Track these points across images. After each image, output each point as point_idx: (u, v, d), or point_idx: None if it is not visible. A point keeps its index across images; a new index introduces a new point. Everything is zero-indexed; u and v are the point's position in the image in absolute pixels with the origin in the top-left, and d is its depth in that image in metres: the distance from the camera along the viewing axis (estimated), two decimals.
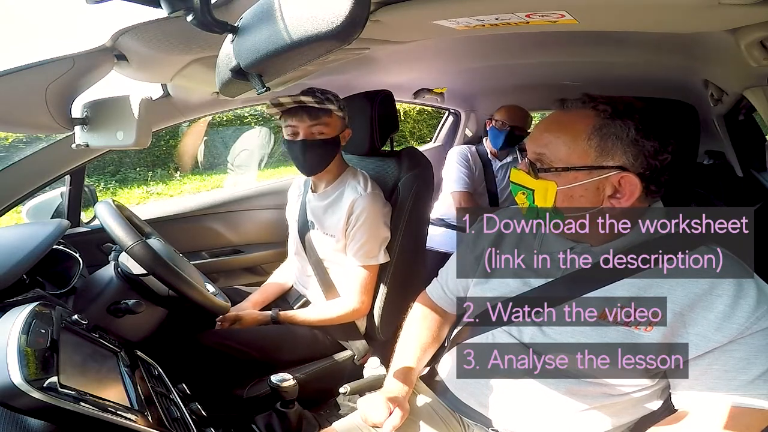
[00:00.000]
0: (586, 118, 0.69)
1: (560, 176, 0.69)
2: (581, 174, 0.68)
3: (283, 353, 1.23)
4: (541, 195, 0.70)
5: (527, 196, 0.73)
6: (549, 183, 0.69)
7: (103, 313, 0.94)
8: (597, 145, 0.67)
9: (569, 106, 0.72)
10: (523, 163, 0.75)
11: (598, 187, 0.68)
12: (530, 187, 0.72)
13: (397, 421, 0.78)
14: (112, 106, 0.86)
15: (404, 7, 0.69)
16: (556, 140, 0.69)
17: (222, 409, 1.09)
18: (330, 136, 1.20)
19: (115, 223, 0.95)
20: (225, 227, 1.75)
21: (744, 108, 1.58)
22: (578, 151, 0.68)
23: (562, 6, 0.63)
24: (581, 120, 0.69)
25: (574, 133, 0.68)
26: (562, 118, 0.72)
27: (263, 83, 0.52)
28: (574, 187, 0.68)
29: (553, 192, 0.69)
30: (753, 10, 0.57)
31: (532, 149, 0.73)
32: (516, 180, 0.75)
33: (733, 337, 0.60)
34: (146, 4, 0.49)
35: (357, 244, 1.22)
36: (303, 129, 1.18)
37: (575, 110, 0.71)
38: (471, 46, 1.27)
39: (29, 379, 0.55)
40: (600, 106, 0.68)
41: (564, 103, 0.73)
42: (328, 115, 1.18)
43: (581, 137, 0.68)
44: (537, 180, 0.70)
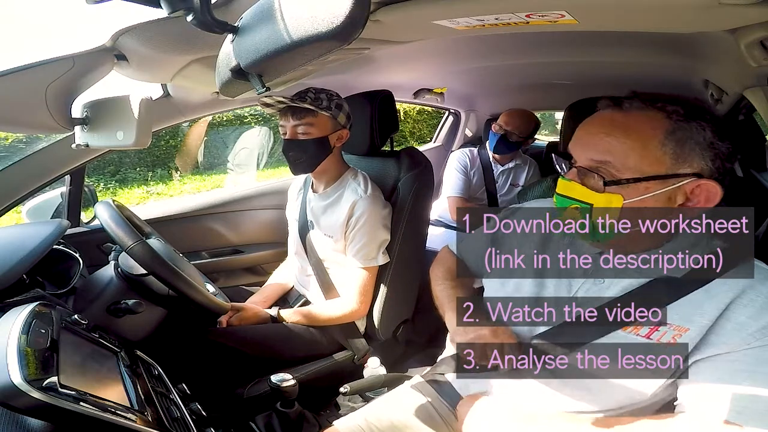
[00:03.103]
0: (655, 120, 0.62)
1: (628, 188, 0.61)
2: (654, 184, 0.60)
3: (283, 353, 1.23)
4: (602, 209, 0.62)
5: (582, 212, 0.64)
6: (614, 196, 0.61)
7: (103, 313, 0.94)
8: (672, 150, 0.60)
9: (628, 106, 0.64)
10: (573, 172, 0.66)
11: (669, 197, 0.61)
12: (588, 201, 0.63)
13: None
14: (112, 106, 0.86)
15: (404, 7, 0.69)
16: (621, 146, 0.61)
17: (222, 409, 1.09)
18: (315, 137, 1.19)
19: (115, 223, 0.95)
20: (225, 227, 1.75)
21: (744, 108, 1.58)
22: (650, 159, 0.60)
23: (562, 6, 0.63)
24: (649, 122, 0.62)
25: (645, 138, 0.61)
26: (623, 120, 0.63)
27: (263, 83, 0.52)
28: (644, 199, 0.61)
29: (618, 205, 0.61)
30: (753, 10, 0.56)
31: (588, 156, 0.64)
32: (565, 192, 0.66)
33: (740, 346, 0.58)
34: (146, 4, 0.49)
35: (356, 246, 1.22)
36: (289, 129, 1.19)
37: (637, 111, 0.63)
38: (471, 46, 1.27)
39: (29, 379, 0.55)
40: (669, 107, 0.62)
41: (620, 103, 0.65)
42: (312, 116, 1.18)
43: (653, 143, 0.60)
44: (602, 193, 0.61)
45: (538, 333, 0.70)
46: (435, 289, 0.91)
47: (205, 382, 1.06)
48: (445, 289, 0.88)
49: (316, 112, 1.18)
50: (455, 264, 0.95)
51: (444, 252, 0.99)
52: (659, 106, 0.63)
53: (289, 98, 1.15)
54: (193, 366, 1.09)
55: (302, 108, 1.17)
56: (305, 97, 1.17)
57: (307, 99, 1.17)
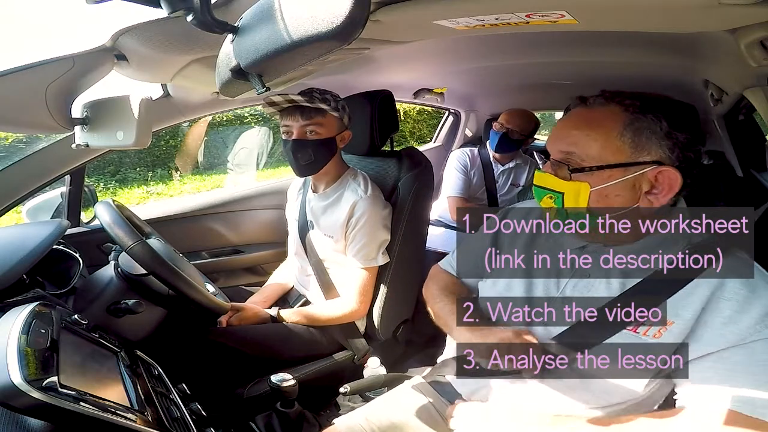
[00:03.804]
0: (614, 114, 0.66)
1: (593, 176, 0.66)
2: (616, 172, 0.65)
3: (283, 353, 1.23)
4: (572, 197, 0.67)
5: (555, 200, 0.69)
6: (581, 184, 0.66)
7: (103, 313, 0.94)
8: (631, 140, 0.65)
9: (592, 102, 0.69)
10: (548, 165, 0.71)
11: (634, 184, 0.66)
12: (559, 189, 0.68)
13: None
14: (112, 106, 0.86)
15: (404, 7, 0.69)
16: (585, 138, 0.67)
17: (222, 409, 1.09)
18: (324, 137, 1.19)
19: (115, 223, 0.95)
20: (225, 227, 1.75)
21: (744, 108, 1.58)
22: (612, 148, 0.65)
23: (562, 6, 0.63)
24: (610, 116, 0.67)
25: (606, 130, 0.66)
26: (588, 115, 0.69)
27: (263, 83, 0.52)
28: (608, 186, 0.65)
29: (586, 193, 0.66)
30: (753, 10, 0.57)
31: (557, 148, 0.69)
32: (540, 183, 0.71)
33: (734, 342, 0.59)
34: (146, 4, 0.49)
35: (356, 247, 1.22)
36: (296, 129, 1.17)
37: (599, 107, 0.68)
38: (471, 46, 1.27)
39: (29, 379, 0.55)
40: (626, 101, 0.66)
41: (585, 101, 0.70)
42: (321, 116, 1.17)
43: (613, 133, 0.65)
44: (569, 182, 0.67)
45: (557, 334, 0.71)
46: (433, 308, 0.91)
47: (205, 382, 1.06)
48: (445, 306, 0.88)
49: (325, 112, 1.17)
50: (449, 277, 0.95)
51: (435, 270, 0.99)
52: (618, 101, 0.67)
53: (303, 97, 1.14)
54: (193, 366, 1.09)
55: (311, 108, 1.15)
56: (316, 96, 1.16)
57: (315, 99, 1.16)
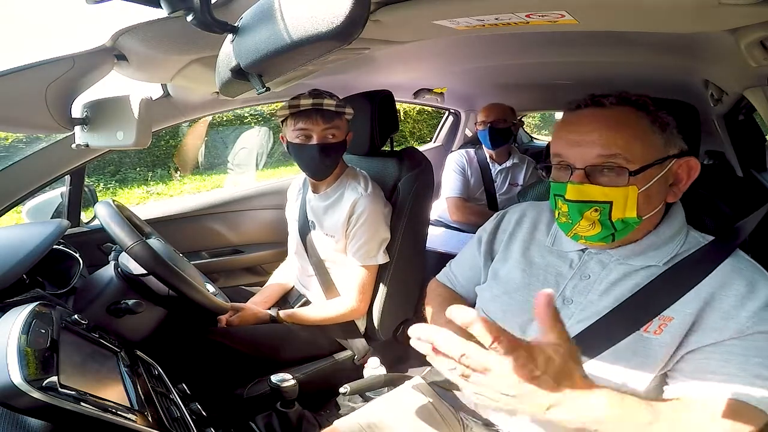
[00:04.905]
0: (633, 112, 0.65)
1: (638, 178, 0.62)
2: (655, 170, 0.63)
3: (283, 352, 1.23)
4: (621, 205, 0.62)
5: (601, 213, 0.63)
6: (629, 188, 0.62)
7: (103, 313, 0.94)
8: (661, 136, 0.64)
9: (609, 103, 0.66)
10: (580, 175, 0.64)
11: (666, 179, 0.65)
12: (605, 199, 0.63)
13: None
14: (112, 106, 0.86)
15: (404, 7, 0.69)
16: (622, 138, 0.63)
17: (222, 409, 1.09)
18: (340, 140, 1.20)
19: (115, 223, 0.95)
20: (225, 227, 1.75)
21: (744, 108, 1.58)
22: (652, 146, 0.63)
23: (562, 6, 0.63)
24: (631, 115, 0.65)
25: (641, 127, 0.64)
26: (613, 115, 0.65)
27: (263, 83, 0.52)
28: (652, 185, 0.63)
29: (634, 197, 0.62)
30: (753, 10, 0.57)
31: (594, 153, 0.63)
32: (579, 197, 0.64)
33: (732, 334, 0.59)
34: (146, 4, 0.49)
35: (357, 244, 1.22)
36: (317, 132, 1.17)
37: (616, 107, 0.66)
38: (471, 46, 1.27)
39: (29, 379, 0.55)
40: (639, 101, 0.66)
41: (601, 101, 0.67)
42: (339, 118, 1.19)
43: (648, 132, 0.64)
44: (617, 188, 0.62)
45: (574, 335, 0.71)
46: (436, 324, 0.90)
47: (205, 382, 1.06)
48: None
49: (342, 115, 1.19)
50: (447, 291, 0.94)
51: (433, 284, 0.99)
52: (629, 101, 0.67)
53: (330, 101, 1.14)
54: (193, 366, 1.09)
55: (333, 111, 1.16)
56: (333, 99, 1.16)
57: (338, 103, 1.16)
